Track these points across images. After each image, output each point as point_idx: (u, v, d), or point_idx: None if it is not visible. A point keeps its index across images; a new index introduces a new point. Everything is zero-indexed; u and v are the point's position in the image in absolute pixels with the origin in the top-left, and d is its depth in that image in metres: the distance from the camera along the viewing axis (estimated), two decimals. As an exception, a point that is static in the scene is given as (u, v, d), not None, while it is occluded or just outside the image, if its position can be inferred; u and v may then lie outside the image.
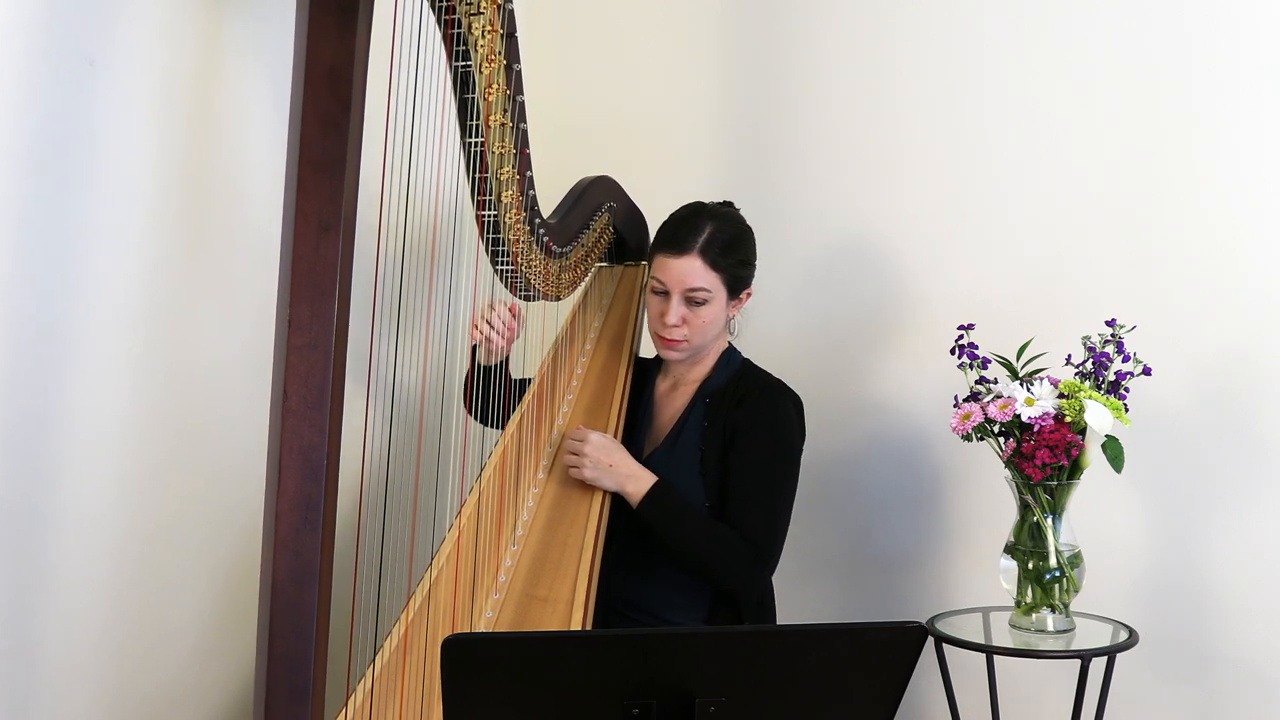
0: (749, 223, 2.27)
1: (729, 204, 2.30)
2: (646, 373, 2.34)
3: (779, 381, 2.23)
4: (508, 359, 2.28)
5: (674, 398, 2.28)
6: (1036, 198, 2.56)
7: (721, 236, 2.15)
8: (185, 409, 2.01)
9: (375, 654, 1.83)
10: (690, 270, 2.14)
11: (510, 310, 2.23)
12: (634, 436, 2.24)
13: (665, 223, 2.21)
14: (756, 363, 2.29)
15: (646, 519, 2.09)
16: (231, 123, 2.06)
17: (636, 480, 2.10)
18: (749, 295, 2.24)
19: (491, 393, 2.25)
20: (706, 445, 2.16)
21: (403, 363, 1.86)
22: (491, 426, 2.29)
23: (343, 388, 1.44)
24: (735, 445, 2.14)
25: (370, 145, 1.49)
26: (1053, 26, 2.55)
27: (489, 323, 2.20)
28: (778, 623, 2.26)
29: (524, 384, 2.33)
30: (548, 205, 2.19)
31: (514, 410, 2.25)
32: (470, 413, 2.35)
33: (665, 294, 2.16)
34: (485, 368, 2.25)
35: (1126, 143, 2.48)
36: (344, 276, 1.41)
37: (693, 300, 2.15)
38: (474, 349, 2.28)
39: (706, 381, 2.23)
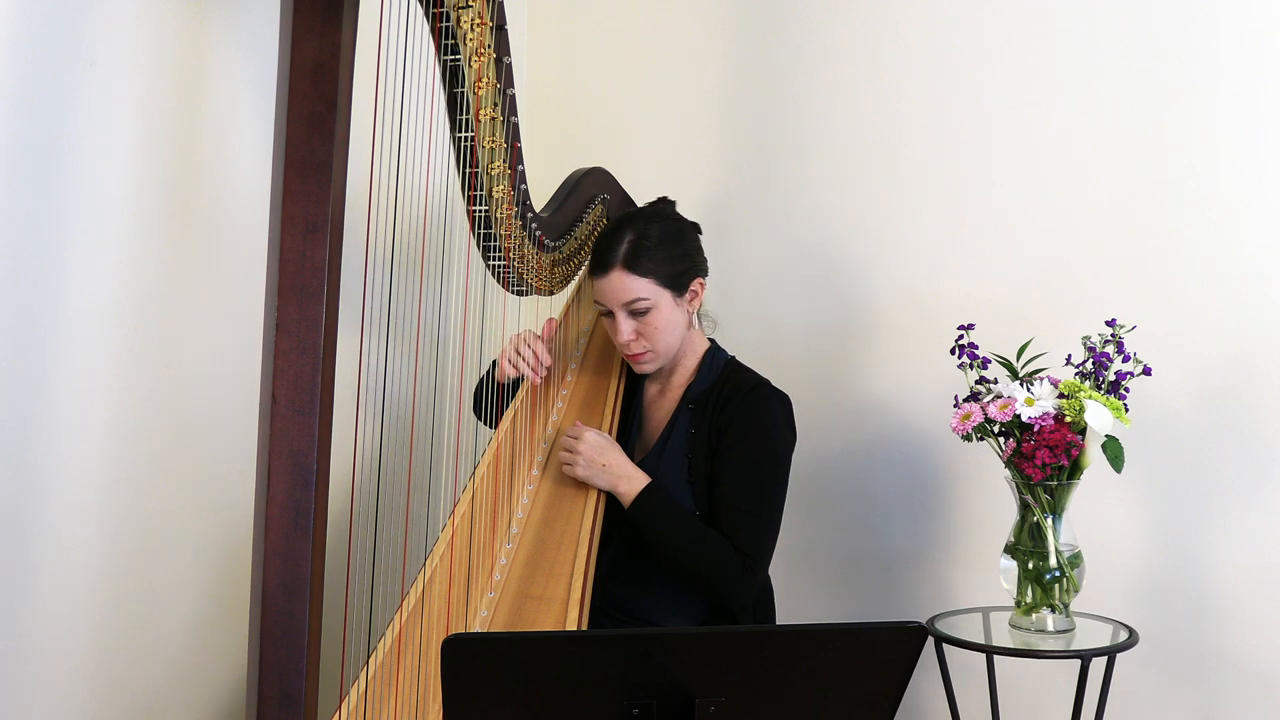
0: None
1: (660, 201, 2.27)
2: (638, 376, 2.32)
3: (765, 381, 2.19)
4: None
5: (661, 404, 2.26)
6: (1036, 198, 2.55)
7: (641, 240, 2.11)
8: (174, 412, 2.00)
9: (369, 655, 1.82)
10: (619, 285, 2.11)
11: (544, 334, 2.21)
12: (626, 442, 2.22)
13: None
14: (757, 362, 2.27)
15: (637, 520, 2.07)
16: (219, 123, 2.04)
17: (629, 481, 2.09)
18: (702, 286, 2.19)
19: (505, 400, 2.24)
20: (693, 452, 2.14)
21: (393, 364, 1.84)
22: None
23: (332, 391, 1.43)
24: (722, 449, 2.12)
25: (358, 144, 1.47)
26: (1053, 26, 2.54)
27: (520, 355, 2.18)
28: (777, 623, 2.25)
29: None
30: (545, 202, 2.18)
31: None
32: (481, 419, 2.35)
33: (611, 314, 2.15)
34: (501, 384, 2.24)
35: (1126, 142, 2.47)
36: (332, 278, 1.40)
37: (636, 311, 2.12)
38: (493, 363, 2.27)
39: (690, 386, 2.21)
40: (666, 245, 2.13)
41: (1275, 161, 2.36)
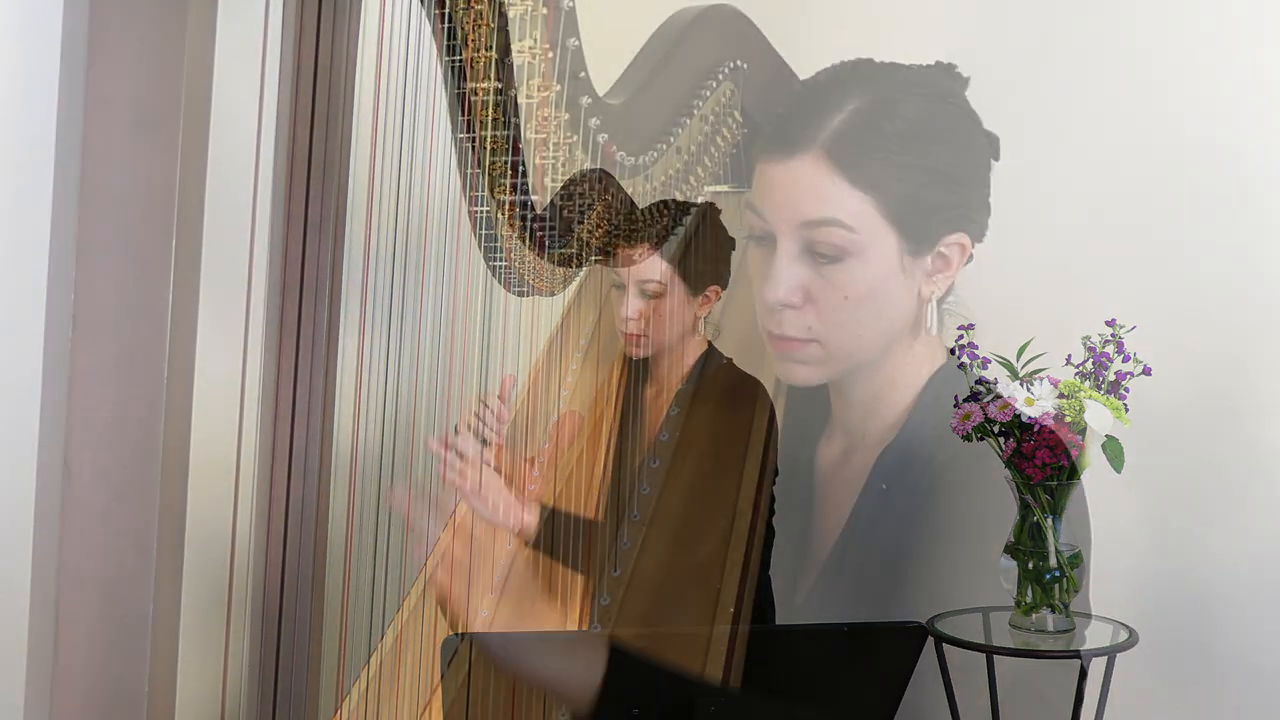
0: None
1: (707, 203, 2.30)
2: (637, 377, 2.32)
3: (754, 380, 2.20)
4: None
5: (657, 404, 2.26)
6: (1037, 197, 2.55)
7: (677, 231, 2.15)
8: (174, 409, 1.99)
9: (370, 653, 1.82)
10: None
11: (500, 396, 2.15)
12: (626, 441, 2.22)
13: None
14: (758, 360, 2.27)
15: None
16: (221, 121, 2.04)
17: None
18: (717, 294, 2.21)
19: None
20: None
21: (395, 362, 1.85)
22: None
23: (334, 388, 1.43)
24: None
25: (360, 143, 1.48)
26: (1053, 24, 2.54)
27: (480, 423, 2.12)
28: (778, 623, 2.25)
29: None
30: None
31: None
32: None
33: (622, 287, 2.17)
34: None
35: (1126, 142, 2.47)
36: (334, 277, 1.41)
37: (644, 291, 2.14)
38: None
39: (685, 386, 2.21)
40: (693, 243, 2.16)
41: (1276, 161, 2.36)
